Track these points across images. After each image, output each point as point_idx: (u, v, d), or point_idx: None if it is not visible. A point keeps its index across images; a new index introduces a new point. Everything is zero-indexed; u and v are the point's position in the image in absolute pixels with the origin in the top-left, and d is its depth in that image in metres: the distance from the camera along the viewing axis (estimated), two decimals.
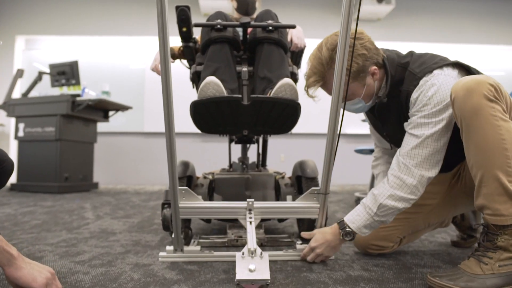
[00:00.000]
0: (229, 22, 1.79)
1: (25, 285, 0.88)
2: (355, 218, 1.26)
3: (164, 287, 1.06)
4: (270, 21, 1.66)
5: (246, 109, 1.46)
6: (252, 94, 1.69)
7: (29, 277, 0.89)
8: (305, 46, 2.02)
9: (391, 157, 1.51)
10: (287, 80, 1.41)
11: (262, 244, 1.62)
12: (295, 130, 1.71)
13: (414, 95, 1.18)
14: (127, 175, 6.07)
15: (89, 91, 4.44)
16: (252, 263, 1.10)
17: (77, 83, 4.40)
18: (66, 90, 4.53)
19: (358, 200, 3.05)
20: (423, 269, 1.24)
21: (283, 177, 1.90)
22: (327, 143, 1.27)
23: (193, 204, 1.36)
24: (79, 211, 2.66)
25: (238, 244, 1.61)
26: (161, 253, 1.37)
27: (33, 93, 4.50)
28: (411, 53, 1.29)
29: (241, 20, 1.61)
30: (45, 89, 4.85)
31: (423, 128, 1.15)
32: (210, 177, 1.83)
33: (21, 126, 4.28)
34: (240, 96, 1.41)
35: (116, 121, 5.77)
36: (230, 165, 2.11)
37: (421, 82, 1.17)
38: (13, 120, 4.72)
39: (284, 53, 1.69)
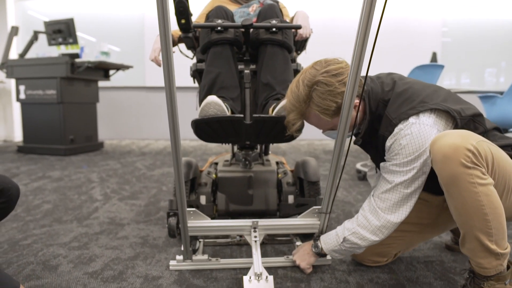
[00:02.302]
0: (230, 18, 1.71)
1: None
2: (327, 241, 1.36)
3: None
4: (274, 21, 1.57)
5: (248, 127, 1.45)
6: (254, 96, 1.67)
7: None
8: (310, 34, 1.93)
9: None
10: None
11: (263, 242, 1.70)
12: None
13: (388, 142, 1.18)
14: (131, 130, 6.12)
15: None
16: None
17: (75, 42, 4.26)
18: (64, 49, 4.41)
19: (359, 173, 3.11)
20: (415, 287, 1.32)
21: (285, 173, 1.93)
22: (331, 168, 1.29)
23: (201, 223, 1.42)
24: (87, 187, 2.75)
25: (241, 243, 1.70)
26: (171, 262, 1.46)
27: (31, 54, 4.39)
28: (393, 85, 1.24)
29: (243, 22, 1.54)
30: (43, 47, 4.72)
31: (394, 176, 1.17)
32: (213, 175, 1.86)
33: (22, 88, 4.24)
34: (242, 116, 1.39)
35: (116, 76, 5.68)
36: (233, 155, 2.13)
37: (396, 129, 1.15)
38: (12, 79, 4.66)
39: (288, 55, 1.63)
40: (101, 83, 5.56)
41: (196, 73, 1.76)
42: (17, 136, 5.57)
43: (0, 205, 1.22)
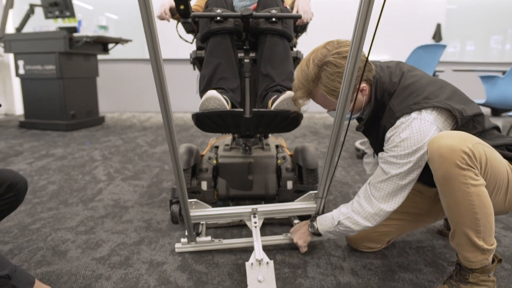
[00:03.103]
0: (229, 7, 1.69)
1: None
2: (323, 222, 1.43)
3: None
4: (273, 11, 1.56)
5: (248, 120, 1.47)
6: (254, 84, 1.68)
7: None
8: (312, 18, 1.91)
9: None
10: (290, 95, 1.40)
11: (263, 223, 1.77)
12: None
13: (388, 133, 1.21)
14: (132, 103, 6.12)
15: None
16: (260, 274, 1.27)
17: (72, 15, 4.18)
18: (61, 23, 4.33)
19: (358, 151, 3.15)
20: (406, 274, 1.39)
21: (284, 158, 1.97)
22: (328, 153, 1.33)
23: (203, 212, 1.48)
24: (90, 166, 2.80)
25: (242, 224, 1.76)
26: (177, 245, 1.55)
27: (28, 28, 4.32)
28: (401, 76, 1.25)
29: (242, 12, 1.53)
30: (39, 20, 4.63)
31: (390, 167, 1.21)
32: (214, 161, 1.91)
33: (21, 63, 4.21)
34: (241, 110, 1.41)
35: (115, 48, 5.60)
36: (233, 138, 2.17)
37: (397, 122, 1.18)
38: (11, 54, 4.61)
39: (288, 44, 1.63)
40: (100, 56, 5.50)
41: (196, 61, 1.76)
42: (18, 109, 5.58)
43: (9, 199, 1.27)
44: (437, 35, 5.74)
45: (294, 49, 1.77)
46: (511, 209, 1.17)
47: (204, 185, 1.83)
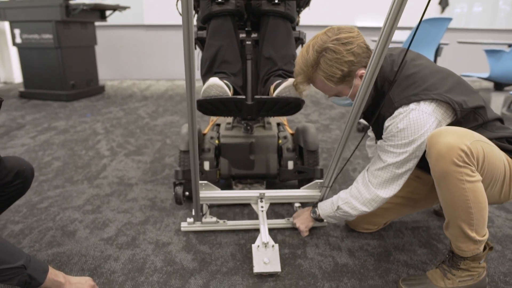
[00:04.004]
0: None
1: None
2: (324, 208, 1.49)
3: (183, 279, 1.30)
4: None
5: (250, 106, 1.48)
6: (256, 66, 1.67)
7: None
8: None
9: None
10: (292, 82, 1.39)
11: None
12: None
13: (387, 123, 1.23)
14: (131, 70, 6.05)
15: None
16: (266, 256, 1.34)
17: None
18: None
19: (359, 125, 3.17)
20: (400, 255, 1.45)
21: (285, 137, 1.99)
22: (338, 148, 1.36)
23: (212, 194, 1.54)
24: (93, 141, 2.83)
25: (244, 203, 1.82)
26: (182, 224, 1.62)
27: None
28: (403, 66, 1.24)
29: None
30: None
31: (387, 155, 1.23)
32: (216, 141, 1.93)
33: (17, 32, 4.12)
34: (243, 97, 1.42)
35: (113, 15, 5.46)
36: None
37: (396, 112, 1.19)
38: (6, 22, 4.49)
39: (290, 26, 1.61)
40: (98, 22, 5.37)
41: (197, 41, 1.74)
42: (17, 77, 5.52)
43: (17, 186, 1.31)
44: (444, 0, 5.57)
45: (296, 32, 1.74)
46: (506, 200, 1.20)
47: (206, 165, 1.86)
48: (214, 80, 1.38)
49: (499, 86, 2.96)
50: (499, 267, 1.39)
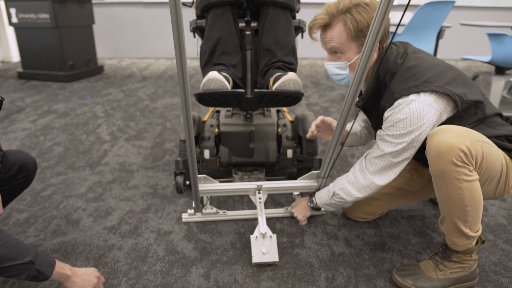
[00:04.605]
0: None
1: None
2: (321, 196, 1.54)
3: (185, 269, 1.35)
4: None
5: (249, 99, 1.48)
6: (256, 56, 1.67)
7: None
8: None
9: (367, 127, 1.63)
10: (291, 76, 1.40)
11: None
12: None
13: (386, 113, 1.24)
14: (130, 48, 5.98)
15: None
16: (264, 246, 1.38)
17: None
18: None
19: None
20: (395, 245, 1.50)
21: (284, 125, 2.00)
22: (335, 136, 1.38)
23: (210, 187, 1.57)
24: (93, 124, 2.85)
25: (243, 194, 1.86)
26: (183, 215, 1.65)
27: None
28: (405, 58, 1.24)
29: None
30: None
31: (385, 145, 1.25)
32: (216, 129, 1.94)
33: (13, 11, 4.05)
34: (243, 91, 1.42)
35: None
36: None
37: (396, 103, 1.20)
38: (2, 1, 4.41)
39: (290, 16, 1.59)
40: (95, 0, 5.27)
41: (196, 30, 1.72)
42: (15, 56, 5.47)
43: (20, 179, 1.34)
44: None
45: (296, 20, 1.72)
46: (500, 196, 1.24)
47: (206, 154, 1.88)
48: (213, 74, 1.38)
49: (500, 70, 2.94)
50: (490, 256, 1.43)
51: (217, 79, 1.38)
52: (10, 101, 3.46)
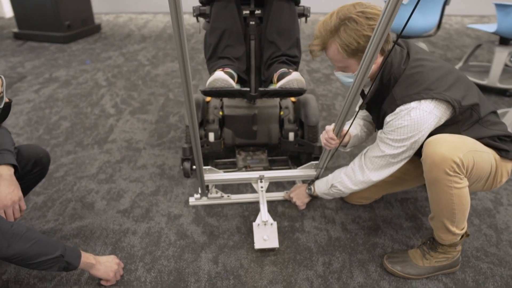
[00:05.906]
0: None
1: (104, 279, 1.30)
2: (320, 185, 1.64)
3: (195, 253, 1.48)
4: None
5: (253, 95, 1.52)
6: (260, 46, 1.68)
7: (105, 275, 1.30)
8: None
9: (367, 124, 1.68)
10: (295, 76, 1.43)
11: (265, 168, 1.96)
12: None
13: (388, 118, 1.30)
14: (127, 2, 5.77)
15: None
16: (265, 233, 1.51)
17: None
18: None
19: None
20: (388, 229, 1.63)
21: (287, 107, 2.05)
22: (336, 128, 1.45)
23: (215, 177, 1.67)
24: (97, 95, 2.87)
25: (248, 170, 1.95)
26: (190, 199, 1.76)
27: None
28: (407, 63, 1.27)
29: None
30: None
31: (386, 147, 1.33)
32: (220, 113, 1.99)
33: None
34: (248, 89, 1.46)
35: None
36: None
37: (397, 110, 1.25)
38: None
39: (295, 8, 1.59)
40: None
41: (200, 15, 1.71)
42: (7, 12, 5.30)
43: (36, 173, 1.43)
44: None
45: (300, 7, 1.70)
46: (488, 190, 1.36)
47: (211, 137, 1.94)
48: (219, 74, 1.42)
49: (504, 40, 2.91)
50: (473, 242, 1.56)
51: (222, 79, 1.42)
52: (10, 67, 3.44)
